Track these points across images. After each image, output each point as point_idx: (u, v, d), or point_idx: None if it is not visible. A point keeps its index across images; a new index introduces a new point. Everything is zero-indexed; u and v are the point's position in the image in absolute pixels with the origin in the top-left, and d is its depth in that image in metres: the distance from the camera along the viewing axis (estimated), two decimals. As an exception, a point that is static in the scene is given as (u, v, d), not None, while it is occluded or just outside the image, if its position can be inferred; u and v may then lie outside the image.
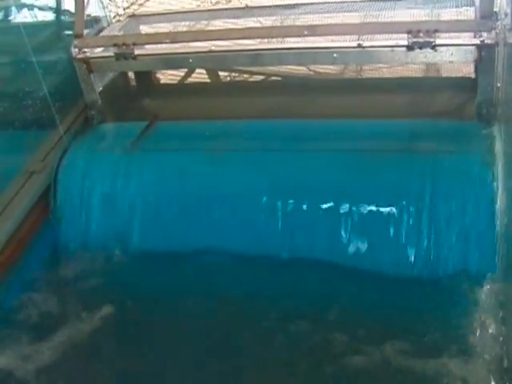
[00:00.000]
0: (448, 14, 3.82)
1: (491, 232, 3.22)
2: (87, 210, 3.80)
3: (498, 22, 3.34)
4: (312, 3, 4.24)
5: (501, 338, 2.86)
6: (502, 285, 3.12)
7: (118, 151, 3.93)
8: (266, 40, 3.78)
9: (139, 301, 3.44)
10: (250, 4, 4.38)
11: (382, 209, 3.39)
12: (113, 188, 3.78)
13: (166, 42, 3.85)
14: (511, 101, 3.15)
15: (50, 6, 4.31)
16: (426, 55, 3.47)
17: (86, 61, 3.97)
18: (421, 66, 4.31)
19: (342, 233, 3.45)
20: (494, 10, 3.39)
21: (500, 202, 3.20)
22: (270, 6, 4.35)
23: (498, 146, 3.36)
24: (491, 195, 3.23)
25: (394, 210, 3.37)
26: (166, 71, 4.82)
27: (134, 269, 3.66)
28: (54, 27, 4.37)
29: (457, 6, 3.88)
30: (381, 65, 4.33)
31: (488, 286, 3.16)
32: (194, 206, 3.66)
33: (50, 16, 4.41)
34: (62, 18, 4.31)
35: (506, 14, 3.23)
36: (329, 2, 4.19)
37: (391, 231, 3.38)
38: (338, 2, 4.16)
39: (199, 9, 4.56)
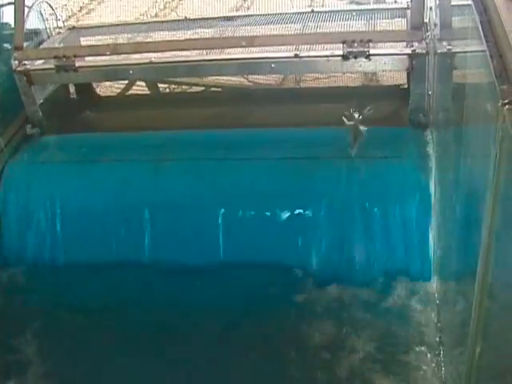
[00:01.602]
0: (383, 26, 3.95)
1: (426, 236, 3.34)
2: (28, 223, 3.76)
3: (428, 33, 3.48)
4: (251, 15, 4.34)
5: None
6: (437, 290, 3.24)
7: (59, 164, 3.93)
8: (205, 51, 3.83)
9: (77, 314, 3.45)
10: (190, 16, 4.43)
11: (317, 214, 3.47)
12: (53, 200, 3.75)
13: (107, 54, 3.85)
14: (442, 107, 3.26)
15: (-12, 18, 4.28)
16: (361, 64, 3.57)
17: (27, 73, 3.95)
18: (359, 75, 4.40)
19: (283, 238, 3.51)
20: (425, 20, 3.52)
21: (434, 206, 3.31)
22: (209, 18, 4.42)
23: (431, 151, 3.49)
24: (426, 199, 3.35)
25: (328, 214, 3.46)
26: (106, 83, 4.83)
27: (73, 282, 3.64)
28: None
29: (391, 18, 4.02)
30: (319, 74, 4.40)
31: (422, 293, 3.26)
32: (135, 216, 3.67)
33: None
34: (2, 30, 4.27)
35: (435, 25, 3.37)
36: (267, 14, 4.29)
37: (326, 236, 3.46)
38: (276, 14, 4.26)
39: (139, 21, 4.57)
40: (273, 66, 3.69)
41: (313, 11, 4.22)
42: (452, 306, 2.74)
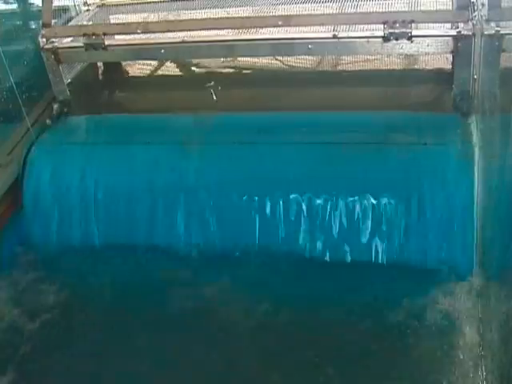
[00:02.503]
0: (426, 5, 3.80)
1: (469, 225, 3.21)
2: (55, 204, 3.72)
3: (475, 13, 3.33)
4: (287, -7, 4.19)
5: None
6: (480, 278, 3.12)
7: (86, 144, 3.86)
8: (240, 31, 3.72)
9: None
10: (224, -7, 4.32)
11: (357, 201, 3.36)
12: (81, 182, 3.70)
13: (138, 32, 3.76)
14: (488, 93, 3.13)
15: (16, -5, 4.22)
16: (403, 46, 3.45)
17: (55, 51, 3.88)
18: (399, 58, 4.27)
19: (318, 225, 3.41)
20: (471, 0, 3.37)
21: (478, 195, 3.18)
22: (244, -4, 4.30)
23: (475, 138, 3.34)
24: (469, 188, 3.21)
25: (369, 202, 3.34)
26: (135, 63, 4.74)
27: (98, 264, 3.62)
28: (20, 16, 4.26)
29: (435, -3, 3.86)
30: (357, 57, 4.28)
31: (465, 280, 3.16)
32: (165, 199, 3.60)
33: (16, 5, 4.29)
34: (30, 6, 4.21)
35: (482, 5, 3.22)
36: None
37: (367, 223, 3.35)
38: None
39: (172, -2, 4.48)
40: (310, 46, 3.59)
41: (353, -11, 4.08)
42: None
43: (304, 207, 3.42)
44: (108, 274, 3.54)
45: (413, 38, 3.40)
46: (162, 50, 3.79)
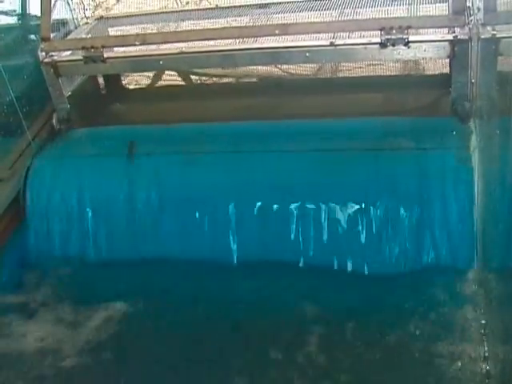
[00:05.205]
0: (423, 11, 3.80)
1: (469, 231, 3.22)
2: (57, 217, 3.72)
3: (471, 17, 3.33)
4: (284, 2, 4.19)
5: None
6: (480, 280, 3.12)
7: (87, 157, 3.86)
8: (237, 40, 3.74)
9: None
10: (221, 4, 4.32)
11: (357, 207, 3.36)
12: (82, 195, 3.70)
13: (136, 44, 3.78)
14: (486, 96, 3.13)
15: (15, 9, 4.22)
16: (400, 52, 3.45)
17: (54, 65, 3.89)
18: (398, 64, 4.28)
19: (315, 233, 3.42)
20: (467, 5, 3.37)
21: (477, 199, 3.18)
22: (240, 6, 4.30)
23: (474, 142, 3.34)
24: (468, 192, 3.22)
25: (369, 208, 3.34)
26: (135, 75, 4.76)
27: (100, 277, 3.61)
28: (19, 30, 4.28)
29: (432, 2, 3.86)
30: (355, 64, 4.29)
31: (466, 282, 3.16)
32: (167, 210, 3.60)
33: (15, 19, 4.32)
34: (28, 21, 4.22)
35: (478, 9, 3.23)
36: (301, 1, 4.15)
37: (367, 229, 3.35)
38: (312, 0, 4.11)
39: (169, 10, 4.48)
40: (307, 54, 3.59)
41: (350, -4, 4.09)
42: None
43: (302, 214, 3.43)
44: (116, 286, 3.53)
45: (410, 44, 3.40)
46: (161, 62, 3.79)
